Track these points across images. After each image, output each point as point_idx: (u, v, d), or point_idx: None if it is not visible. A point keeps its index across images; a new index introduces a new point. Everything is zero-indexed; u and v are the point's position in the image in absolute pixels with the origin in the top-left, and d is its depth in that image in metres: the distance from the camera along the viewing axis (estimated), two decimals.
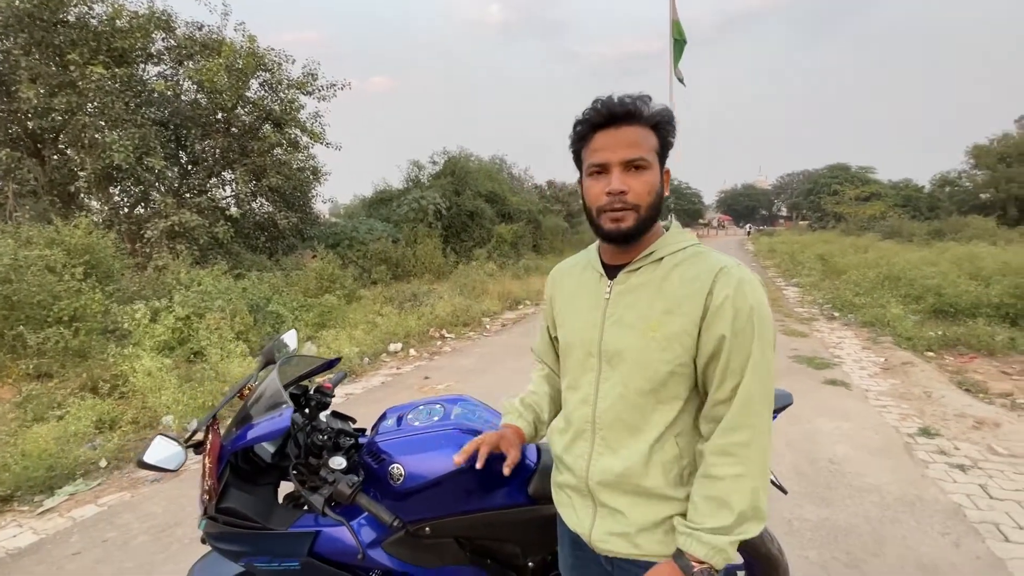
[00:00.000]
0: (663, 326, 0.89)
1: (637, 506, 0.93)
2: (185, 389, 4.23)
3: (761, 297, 0.88)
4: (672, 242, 0.95)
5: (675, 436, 0.92)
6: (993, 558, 2.23)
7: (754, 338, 0.86)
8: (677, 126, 0.94)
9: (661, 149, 0.92)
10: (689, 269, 0.91)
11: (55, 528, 2.70)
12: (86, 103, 8.49)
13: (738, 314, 0.85)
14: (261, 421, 1.22)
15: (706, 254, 0.93)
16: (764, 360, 0.86)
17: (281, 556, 1.26)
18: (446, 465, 1.28)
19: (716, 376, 0.88)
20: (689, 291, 0.88)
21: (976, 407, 3.95)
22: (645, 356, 0.90)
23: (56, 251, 5.60)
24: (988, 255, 8.51)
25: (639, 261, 0.95)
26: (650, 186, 0.90)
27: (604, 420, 0.96)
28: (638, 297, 0.93)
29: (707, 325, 0.87)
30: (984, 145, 24.31)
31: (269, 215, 11.74)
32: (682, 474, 0.92)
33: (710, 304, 0.86)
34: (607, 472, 0.95)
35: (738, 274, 0.88)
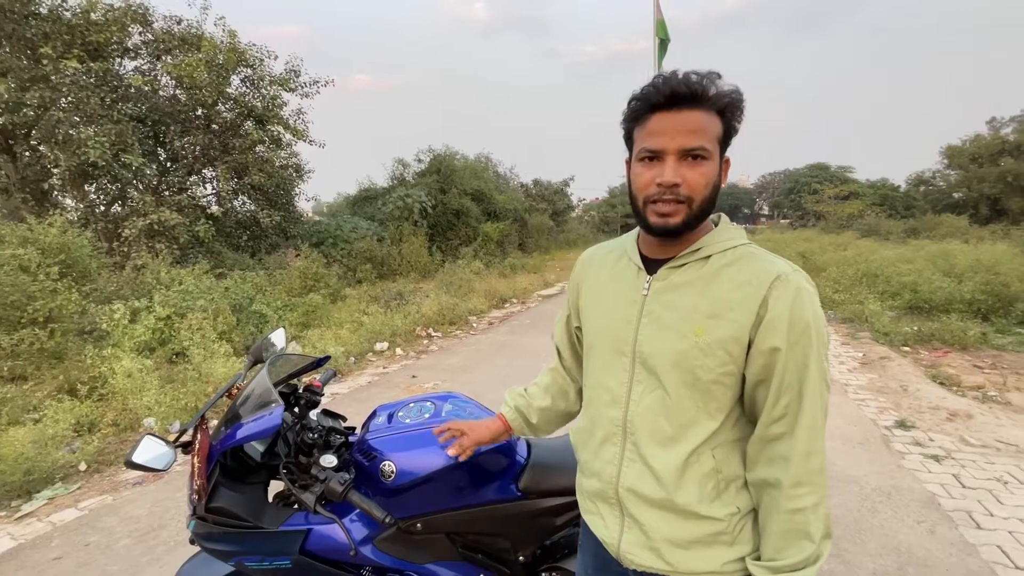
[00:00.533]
0: (708, 331, 0.81)
1: (667, 521, 0.87)
2: (167, 390, 4.16)
3: (817, 308, 0.80)
4: (721, 239, 0.86)
5: (712, 449, 0.85)
6: (966, 544, 2.31)
7: (811, 352, 0.78)
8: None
9: (724, 137, 0.82)
10: (740, 271, 0.83)
11: (34, 533, 2.64)
12: (60, 98, 8.26)
13: (794, 326, 0.78)
14: (251, 420, 1.21)
15: (760, 256, 0.84)
16: (821, 374, 0.80)
17: (272, 555, 1.26)
18: (437, 461, 1.29)
19: (770, 394, 0.80)
20: (740, 296, 0.80)
21: (949, 400, 4.08)
22: (687, 362, 0.83)
23: (30, 250, 5.45)
24: (961, 253, 8.76)
25: (684, 257, 0.86)
26: (708, 178, 0.80)
27: (637, 426, 0.88)
28: (680, 297, 0.85)
29: (760, 336, 0.79)
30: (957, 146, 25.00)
31: (251, 213, 11.57)
32: (717, 489, 0.85)
33: (764, 314, 0.79)
34: (637, 483, 0.88)
35: (796, 282, 0.80)
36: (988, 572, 2.14)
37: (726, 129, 0.82)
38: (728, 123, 0.82)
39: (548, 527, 1.37)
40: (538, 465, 1.40)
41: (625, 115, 0.86)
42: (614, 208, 35.09)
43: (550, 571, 1.42)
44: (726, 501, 0.85)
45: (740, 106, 0.81)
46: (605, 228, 33.67)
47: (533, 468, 1.39)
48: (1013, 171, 21.04)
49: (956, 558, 2.22)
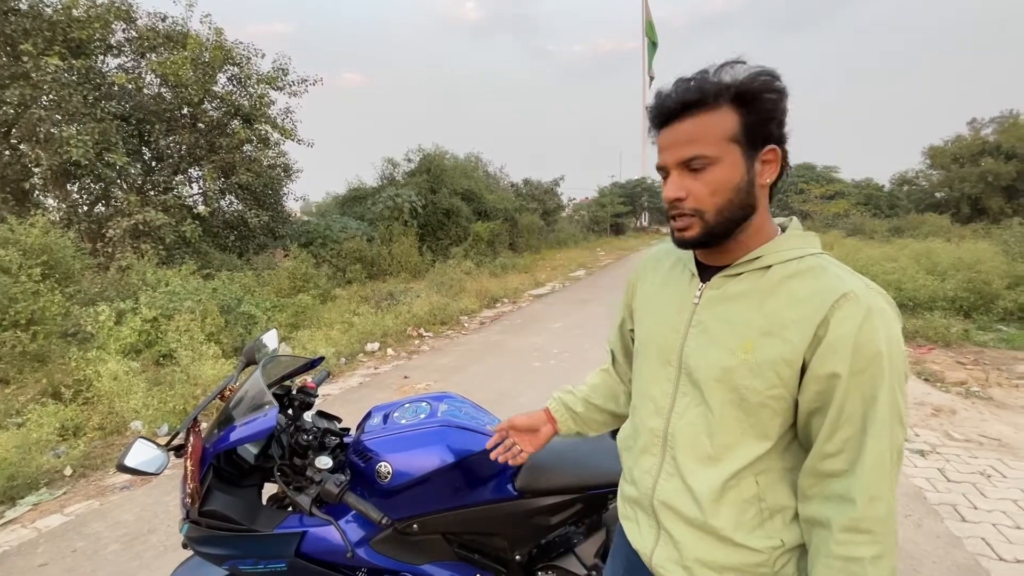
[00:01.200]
0: (759, 349, 0.75)
1: (700, 543, 0.82)
2: (154, 393, 4.10)
3: (895, 334, 0.70)
4: (786, 247, 0.78)
5: (756, 475, 0.79)
6: (951, 537, 2.36)
7: (882, 384, 0.69)
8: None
9: (748, 128, 0.73)
10: (803, 286, 0.74)
11: (19, 539, 2.59)
12: (41, 96, 8.08)
13: (860, 353, 0.69)
14: (245, 422, 1.20)
15: (828, 269, 0.75)
16: (895, 411, 0.70)
17: (267, 558, 1.25)
18: (433, 462, 1.29)
19: (826, 424, 0.72)
20: (798, 314, 0.73)
21: (934, 395, 4.16)
22: (733, 380, 0.77)
23: (11, 251, 5.33)
24: (943, 251, 8.92)
25: (741, 266, 0.80)
26: (715, 185, 0.75)
27: (677, 440, 0.84)
28: (733, 309, 0.79)
29: (816, 360, 0.71)
30: (939, 146, 25.44)
31: (239, 213, 11.41)
32: (759, 518, 0.79)
33: (823, 336, 0.70)
34: (673, 497, 0.84)
35: (868, 302, 0.70)
36: (973, 563, 2.18)
37: (747, 120, 0.73)
38: (750, 111, 0.73)
39: (544, 526, 1.37)
40: (534, 464, 1.40)
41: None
42: (604, 208, 35.21)
43: (546, 570, 1.42)
44: (769, 532, 0.79)
45: (760, 87, 0.73)
46: (595, 228, 33.79)
47: (529, 468, 1.39)
48: (993, 171, 21.47)
49: (942, 550, 2.27)
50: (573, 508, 1.36)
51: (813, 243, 0.80)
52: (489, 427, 1.23)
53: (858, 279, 0.74)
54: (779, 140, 0.76)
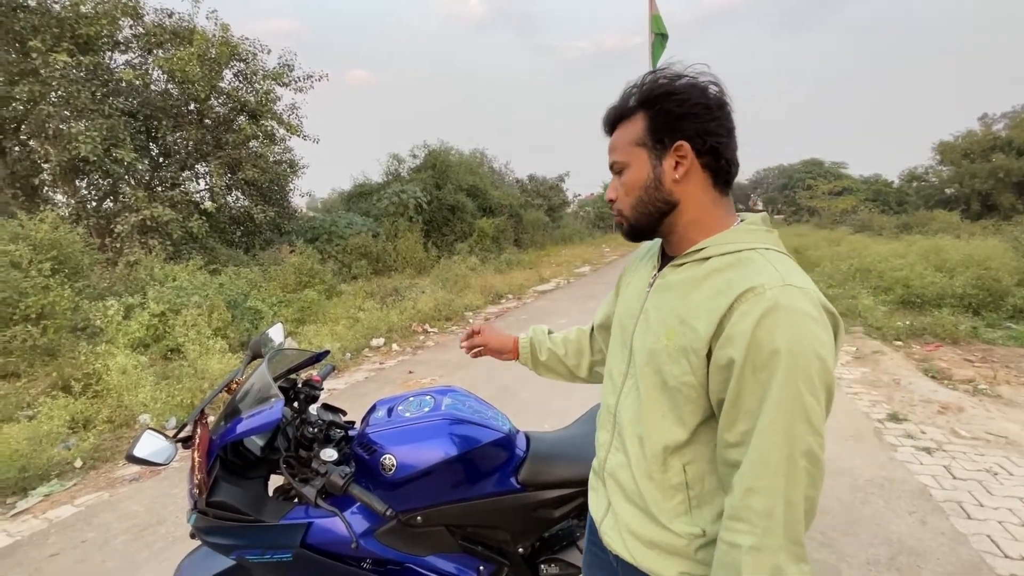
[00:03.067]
0: (677, 336, 0.78)
1: (635, 517, 0.87)
2: (162, 387, 4.14)
3: (797, 332, 0.68)
4: (729, 240, 0.79)
5: (684, 463, 0.82)
6: (956, 534, 2.35)
7: (775, 382, 0.68)
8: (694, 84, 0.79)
9: (653, 131, 0.80)
10: (725, 278, 0.76)
11: (30, 529, 2.63)
12: (50, 92, 8.14)
13: (756, 349, 0.69)
14: (251, 414, 1.22)
15: (756, 263, 0.75)
16: (792, 408, 0.68)
17: (273, 548, 1.26)
18: (437, 455, 1.30)
19: (725, 413, 0.74)
20: (710, 305, 0.75)
21: (941, 393, 4.13)
22: (656, 363, 0.81)
23: (21, 246, 5.39)
24: (952, 248, 8.83)
25: (684, 257, 0.83)
26: (628, 186, 0.84)
27: (622, 417, 0.90)
28: (667, 298, 0.83)
29: (717, 350, 0.73)
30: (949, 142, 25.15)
31: (245, 209, 11.47)
32: (686, 505, 0.82)
33: (725, 327, 0.72)
34: (618, 470, 0.90)
35: (775, 299, 0.69)
36: (978, 561, 2.17)
37: (651, 123, 0.80)
38: (655, 114, 0.80)
39: (547, 519, 1.38)
40: (537, 458, 1.41)
41: None
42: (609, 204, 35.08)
43: (549, 563, 1.43)
44: (695, 520, 0.82)
45: (662, 93, 0.79)
46: (600, 224, 33.71)
47: (532, 461, 1.40)
48: (1004, 167, 21.20)
49: (947, 547, 2.26)
50: (576, 501, 1.37)
51: (763, 238, 0.80)
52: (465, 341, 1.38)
53: (780, 274, 0.72)
54: (696, 134, 0.78)
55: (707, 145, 0.78)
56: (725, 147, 0.80)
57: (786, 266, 0.75)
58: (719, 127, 0.79)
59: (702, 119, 0.78)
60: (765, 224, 0.83)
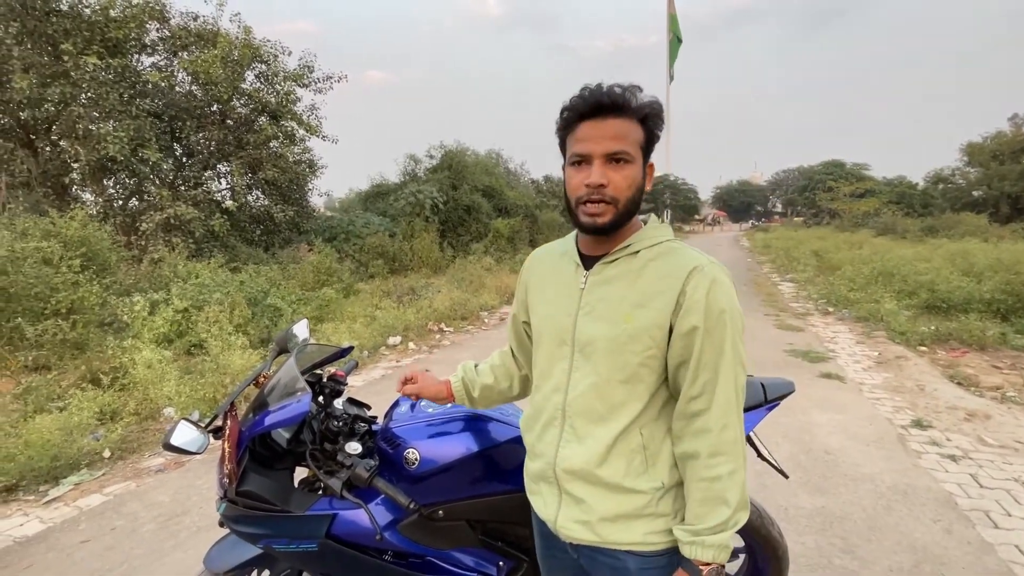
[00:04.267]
0: (634, 319, 0.90)
1: (597, 496, 0.95)
2: (186, 381, 4.24)
3: (732, 297, 0.89)
4: (649, 236, 0.95)
5: (640, 427, 0.94)
6: (983, 543, 2.30)
7: (726, 336, 0.87)
8: (668, 121, 0.98)
9: (647, 143, 0.91)
10: (664, 264, 0.91)
11: (62, 517, 2.72)
12: (80, 94, 8.40)
13: (710, 311, 0.86)
14: (279, 407, 1.25)
15: (681, 250, 0.93)
16: (736, 356, 0.88)
17: (299, 538, 1.29)
18: (459, 450, 1.32)
19: (689, 371, 0.89)
20: (662, 287, 0.89)
21: (967, 400, 4.03)
22: (616, 347, 0.91)
23: (52, 243, 5.58)
24: (980, 252, 8.62)
25: (616, 253, 0.95)
26: (630, 180, 0.89)
27: (574, 408, 0.96)
28: (612, 289, 0.94)
29: (679, 321, 0.88)
30: (978, 143, 24.50)
31: (265, 208, 11.68)
32: (644, 464, 0.94)
33: (683, 301, 0.87)
34: (571, 460, 0.96)
35: (711, 273, 0.88)
36: (1005, 571, 2.12)
37: (648, 136, 0.91)
38: (650, 131, 0.91)
39: None
40: None
41: (558, 124, 0.94)
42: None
43: None
44: (652, 476, 0.93)
45: (660, 115, 0.91)
46: None
47: None
48: None
49: (973, 556, 2.21)
50: None
51: (667, 232, 0.97)
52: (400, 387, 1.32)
53: (703, 256, 0.92)
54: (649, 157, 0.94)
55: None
56: None
57: (699, 251, 0.94)
58: None
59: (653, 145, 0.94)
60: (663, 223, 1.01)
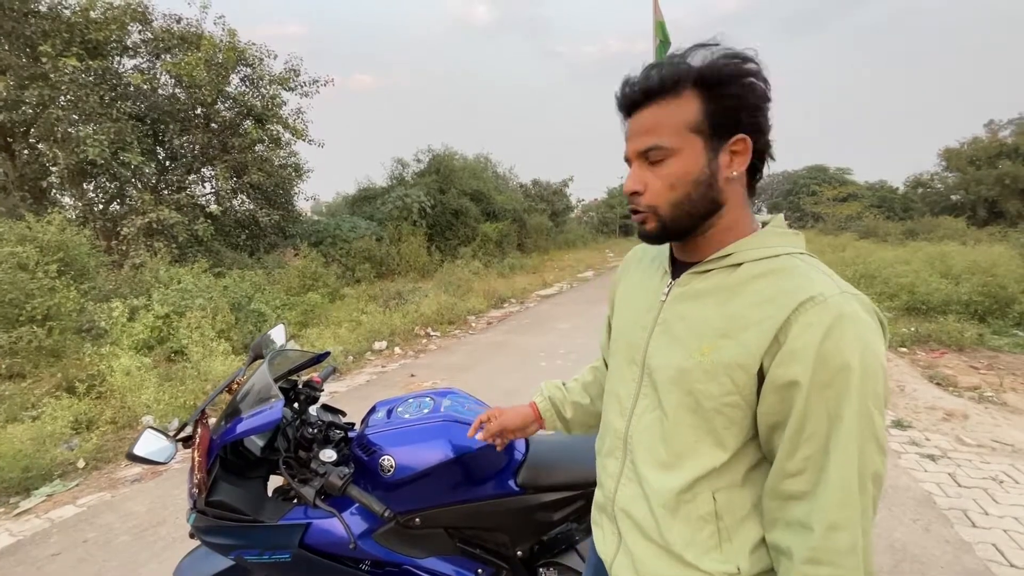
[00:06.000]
0: (715, 351, 0.69)
1: (653, 557, 0.77)
2: (166, 388, 4.16)
3: (868, 344, 0.62)
4: (760, 245, 0.72)
5: (713, 491, 0.73)
6: (961, 542, 2.32)
7: (849, 400, 0.62)
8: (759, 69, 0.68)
9: (713, 116, 0.68)
10: (769, 286, 0.68)
11: (32, 529, 2.64)
12: (59, 96, 8.24)
13: (824, 364, 0.62)
14: (251, 414, 1.22)
15: (802, 270, 0.68)
16: (865, 430, 0.62)
17: (272, 548, 1.26)
18: (436, 456, 1.30)
19: (785, 440, 0.66)
20: (759, 316, 0.67)
21: (946, 400, 4.10)
22: (688, 382, 0.72)
23: (28, 248, 5.44)
24: (958, 254, 8.78)
25: (710, 263, 0.74)
26: (672, 179, 0.70)
27: (636, 443, 0.80)
28: (696, 307, 0.74)
29: (775, 367, 0.65)
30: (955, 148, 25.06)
31: (250, 212, 11.54)
32: (717, 538, 0.73)
33: (784, 341, 0.64)
34: (628, 504, 0.80)
35: (840, 308, 0.63)
36: (983, 570, 2.15)
37: (712, 106, 0.68)
38: (717, 97, 0.67)
39: (546, 522, 1.38)
40: (536, 460, 1.41)
41: None
42: (613, 209, 35.06)
43: (548, 566, 1.43)
44: (727, 556, 0.72)
45: (721, 73, 0.67)
46: (604, 229, 33.68)
47: (531, 463, 1.40)
48: (1011, 174, 21.10)
49: (952, 555, 2.24)
50: (575, 504, 1.36)
51: (793, 242, 0.73)
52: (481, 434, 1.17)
53: (834, 282, 0.66)
54: (753, 129, 0.69)
55: (760, 143, 0.71)
56: (770, 147, 0.73)
57: (830, 272, 0.69)
58: (768, 125, 0.71)
59: (762, 113, 0.69)
60: (790, 228, 0.76)
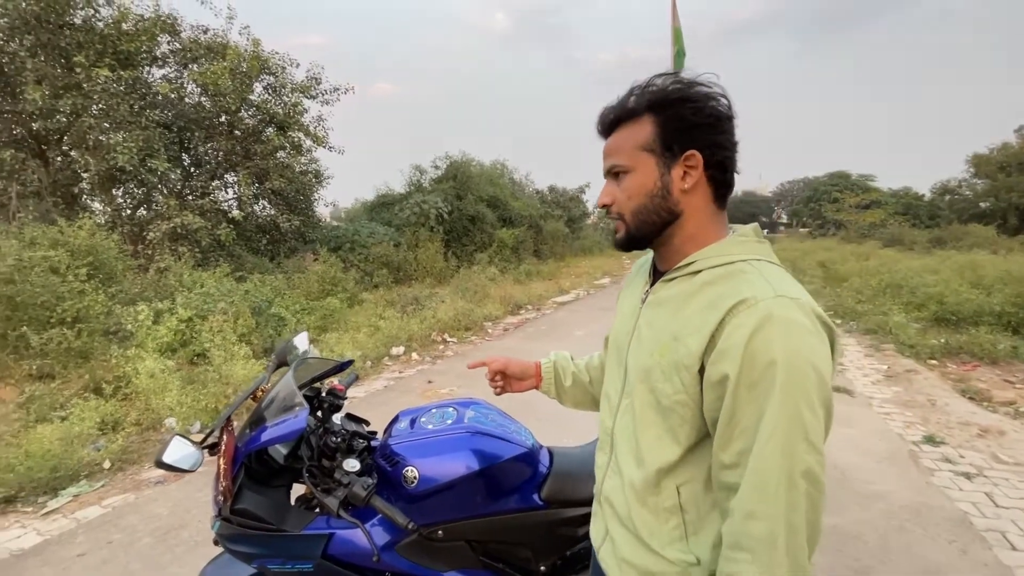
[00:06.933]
0: (669, 352, 0.76)
1: (629, 543, 0.84)
2: (188, 391, 4.23)
3: (794, 344, 0.66)
4: (719, 253, 0.78)
5: (677, 485, 0.79)
6: (1000, 566, 2.23)
7: (772, 395, 0.65)
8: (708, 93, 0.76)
9: (662, 135, 0.77)
10: (716, 291, 0.74)
11: (59, 529, 2.69)
12: (91, 105, 8.50)
13: (751, 362, 0.66)
14: (276, 423, 1.22)
15: (748, 274, 0.73)
16: (791, 425, 0.65)
17: (295, 558, 1.26)
18: (460, 469, 1.29)
19: (720, 433, 0.71)
20: (701, 320, 0.73)
21: (980, 415, 3.95)
22: (650, 381, 0.79)
23: (60, 252, 5.60)
24: (989, 263, 8.52)
25: (676, 271, 0.81)
26: (631, 191, 0.80)
27: (618, 438, 0.88)
28: (660, 313, 0.81)
29: (710, 365, 0.71)
30: (984, 154, 24.40)
31: (271, 218, 11.75)
32: (682, 531, 0.79)
33: (717, 341, 0.70)
34: (610, 493, 0.89)
35: (769, 309, 0.67)
36: None
37: (662, 127, 0.77)
38: (666, 119, 0.76)
39: (570, 537, 1.35)
40: (561, 474, 1.38)
41: None
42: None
43: None
44: (691, 547, 0.78)
45: (672, 98, 0.76)
46: None
47: (555, 477, 1.38)
48: None
49: None
50: None
51: (755, 250, 0.78)
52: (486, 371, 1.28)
53: (771, 287, 0.70)
54: (705, 145, 0.76)
55: (716, 158, 0.77)
56: (731, 162, 0.79)
57: (778, 276, 0.73)
58: (727, 140, 0.78)
59: (715, 130, 0.77)
60: (756, 235, 0.81)
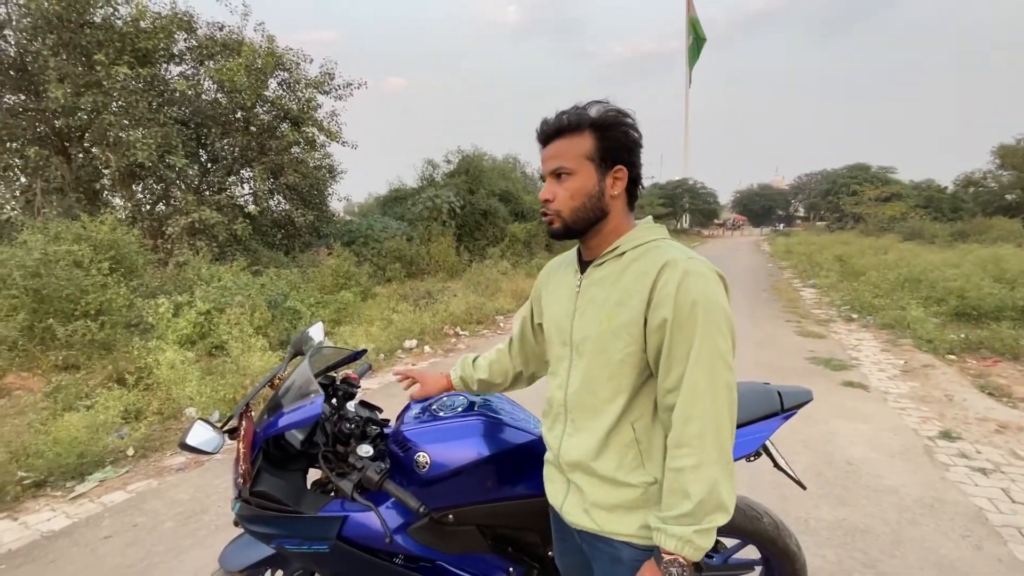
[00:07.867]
0: (615, 317, 0.95)
1: (594, 486, 1.01)
2: (207, 381, 4.33)
3: (710, 289, 0.89)
4: (636, 237, 1.00)
5: (632, 422, 0.98)
6: (1016, 561, 2.20)
7: (697, 328, 0.88)
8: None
9: (603, 150, 0.96)
10: (643, 263, 0.95)
11: (87, 513, 2.80)
12: (111, 102, 8.68)
13: (680, 304, 0.88)
14: (293, 409, 1.27)
15: (662, 248, 0.96)
16: (711, 350, 0.88)
17: (311, 539, 1.31)
18: (470, 454, 1.32)
19: (662, 365, 0.92)
20: (638, 285, 0.93)
21: (999, 411, 3.88)
22: (601, 345, 0.97)
23: (83, 246, 5.75)
24: (1013, 257, 8.31)
25: (604, 256, 1.01)
26: (572, 191, 0.97)
27: (572, 403, 1.04)
28: (599, 290, 1.00)
29: (651, 315, 0.91)
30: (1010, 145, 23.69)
31: (286, 212, 11.91)
32: (639, 459, 0.98)
33: (653, 295, 0.91)
34: (571, 452, 1.04)
35: (684, 267, 0.90)
36: None
37: (602, 144, 0.96)
38: (604, 138, 0.96)
39: None
40: None
41: None
42: (642, 209, 34.57)
43: None
44: (649, 470, 0.97)
45: (611, 122, 0.95)
46: None
47: None
48: None
49: (1004, 575, 2.12)
50: None
51: (658, 232, 1.01)
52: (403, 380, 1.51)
53: (682, 252, 0.94)
54: (627, 162, 0.98)
55: (633, 173, 1.00)
56: (640, 177, 1.02)
57: (683, 247, 0.97)
58: (640, 161, 1.01)
59: (635, 153, 0.99)
60: (656, 224, 1.04)
